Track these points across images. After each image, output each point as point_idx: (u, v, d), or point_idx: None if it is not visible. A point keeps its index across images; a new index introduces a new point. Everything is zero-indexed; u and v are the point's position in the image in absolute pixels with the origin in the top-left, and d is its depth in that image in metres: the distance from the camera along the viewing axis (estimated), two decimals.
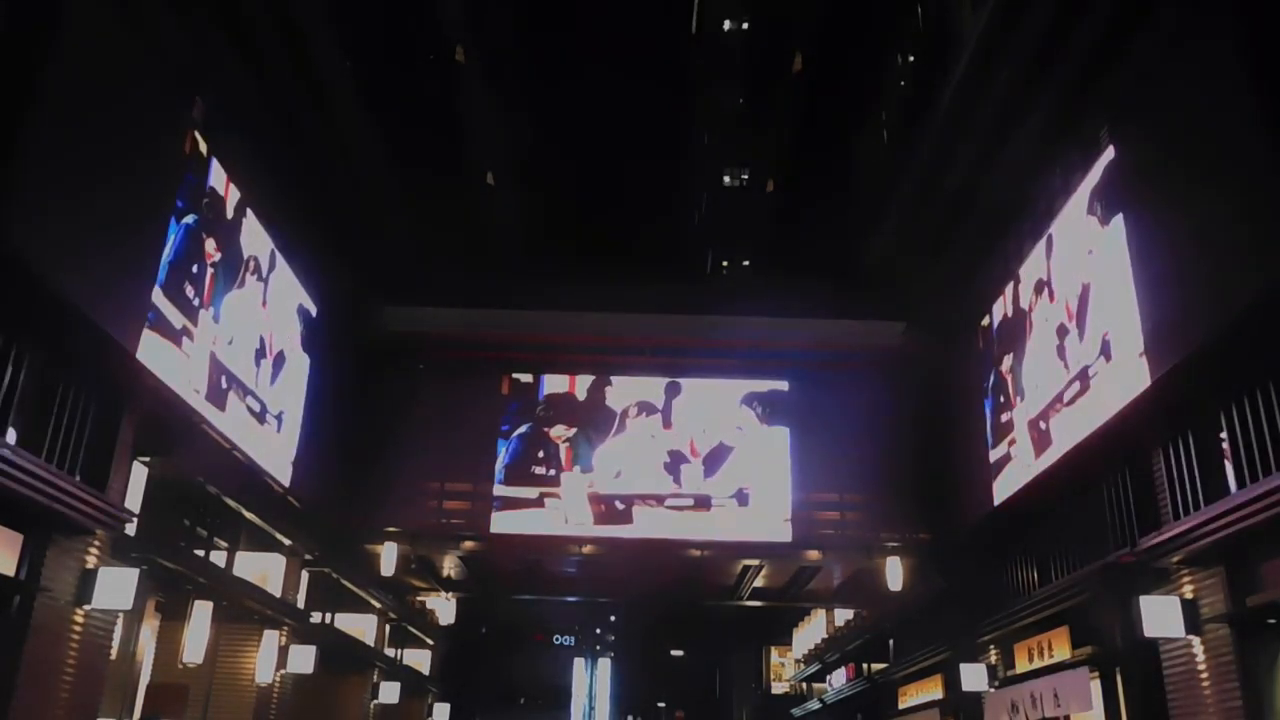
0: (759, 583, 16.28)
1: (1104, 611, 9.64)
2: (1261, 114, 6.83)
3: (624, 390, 14.88)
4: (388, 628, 17.66)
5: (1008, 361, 11.99)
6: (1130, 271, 8.74)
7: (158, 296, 8.58)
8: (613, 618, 29.76)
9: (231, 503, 11.02)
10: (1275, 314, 6.75)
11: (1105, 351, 9.21)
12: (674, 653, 33.66)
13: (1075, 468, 9.98)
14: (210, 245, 9.75)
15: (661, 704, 34.86)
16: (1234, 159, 7.19)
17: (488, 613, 22.88)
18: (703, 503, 14.27)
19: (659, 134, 11.71)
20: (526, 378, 15.03)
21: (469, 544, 14.46)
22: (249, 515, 11.47)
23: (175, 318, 8.95)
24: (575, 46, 10.91)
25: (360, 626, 16.87)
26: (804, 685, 27.00)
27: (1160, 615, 7.97)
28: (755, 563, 15.07)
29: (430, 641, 20.93)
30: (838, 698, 22.21)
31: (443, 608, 18.63)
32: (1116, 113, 9.12)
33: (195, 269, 9.41)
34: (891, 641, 18.25)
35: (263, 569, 12.72)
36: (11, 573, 7.25)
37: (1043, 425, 10.71)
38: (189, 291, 9.26)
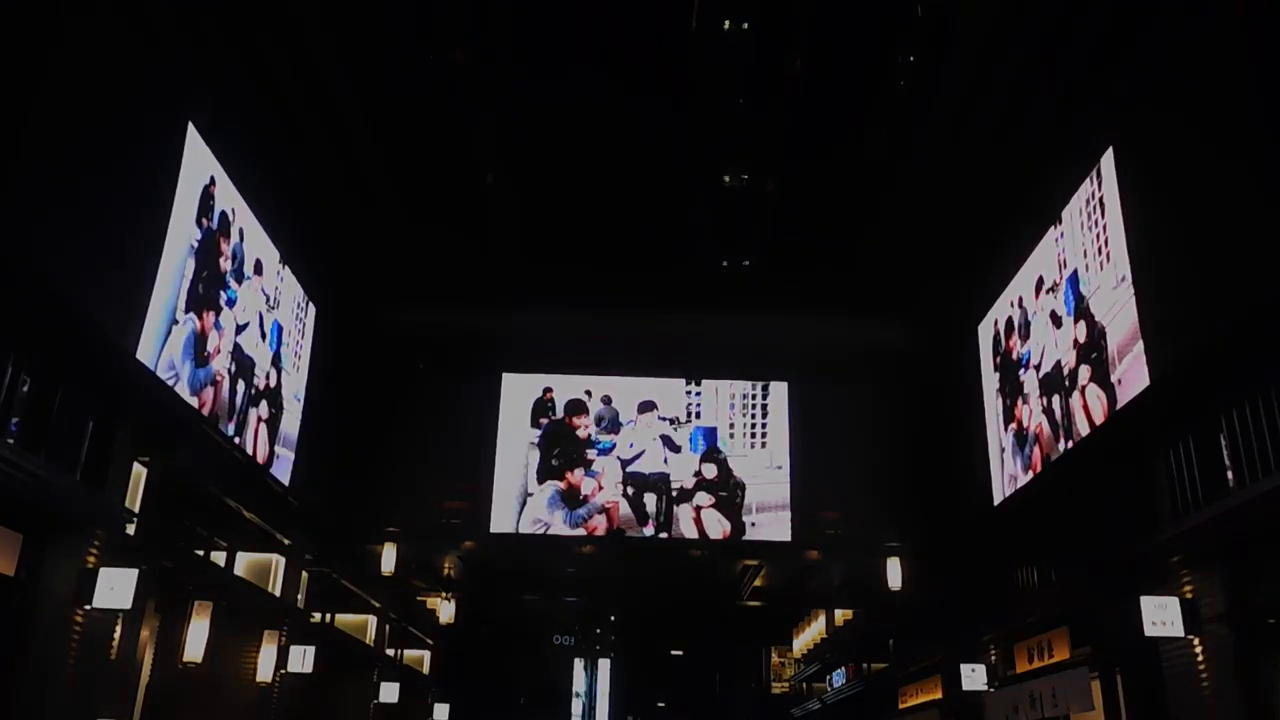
0: (759, 583, 16.27)
1: (1104, 611, 9.64)
2: (1263, 114, 6.83)
3: (625, 390, 14.89)
4: (388, 628, 17.65)
5: (1008, 361, 12.00)
6: (1131, 271, 8.75)
7: (155, 296, 8.58)
8: (613, 618, 29.71)
9: (231, 503, 11.02)
10: (1276, 314, 6.75)
11: (1106, 351, 9.22)
12: (674, 653, 33.63)
13: (1076, 467, 9.98)
14: (210, 246, 9.75)
15: (661, 704, 34.85)
16: (1236, 159, 7.19)
17: (488, 613, 22.83)
18: (707, 502, 14.27)
19: (658, 134, 11.68)
20: (528, 377, 15.05)
21: (469, 544, 14.46)
22: (249, 515, 11.47)
23: (172, 317, 8.95)
24: (574, 46, 10.88)
25: (360, 626, 16.87)
26: (804, 685, 27.00)
27: (1160, 615, 7.96)
28: (755, 563, 15.07)
29: (430, 641, 20.92)
30: (838, 698, 22.22)
31: (443, 608, 18.62)
32: (1117, 112, 9.12)
33: (195, 268, 9.41)
34: (891, 641, 18.25)
35: (263, 569, 12.72)
36: (11, 573, 7.24)
37: (1043, 425, 10.71)
38: (189, 292, 9.26)
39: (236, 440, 10.43)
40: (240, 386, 10.60)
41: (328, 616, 15.24)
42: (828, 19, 10.15)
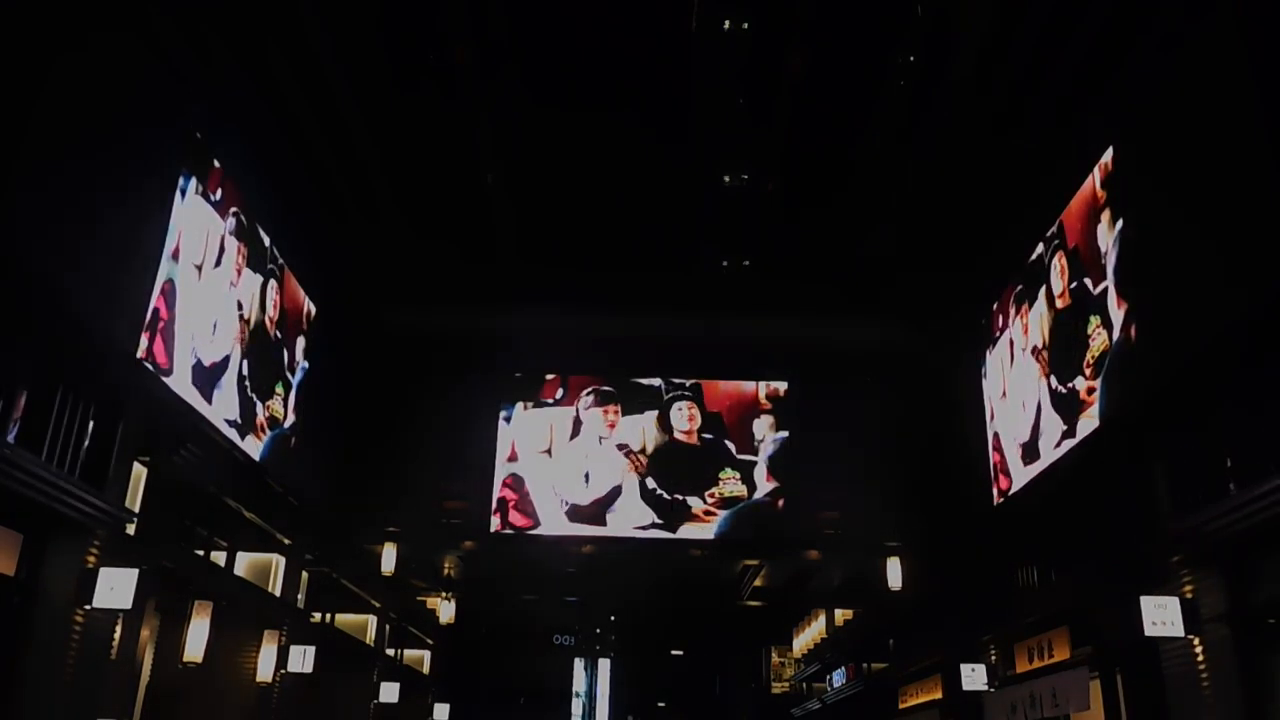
0: (759, 583, 16.27)
1: (1104, 611, 9.64)
2: (1262, 113, 6.83)
3: (625, 390, 14.89)
4: (388, 628, 17.65)
5: (1008, 360, 12.00)
6: (1132, 270, 8.75)
7: (155, 297, 8.58)
8: (613, 618, 29.68)
9: (231, 503, 11.02)
10: (1277, 313, 6.75)
11: (1106, 350, 9.22)
12: (674, 653, 33.59)
13: (1075, 468, 9.98)
14: (211, 246, 9.76)
15: (661, 704, 34.81)
16: (1236, 158, 7.19)
17: (488, 613, 22.84)
18: (708, 502, 14.28)
19: (658, 133, 11.65)
20: (528, 378, 15.04)
21: (469, 544, 14.46)
22: (249, 515, 11.47)
23: (174, 317, 8.95)
24: (574, 45, 10.85)
25: (360, 626, 16.87)
26: (804, 685, 26.99)
27: (1160, 615, 7.97)
28: (755, 563, 15.06)
29: (430, 641, 20.92)
30: (838, 698, 22.22)
31: (443, 608, 18.64)
32: (1117, 112, 9.12)
33: (195, 269, 9.41)
34: (891, 641, 18.25)
35: (263, 569, 12.72)
36: (11, 573, 7.25)
37: (1043, 425, 10.71)
38: (189, 292, 9.26)
39: (237, 440, 10.43)
40: (240, 386, 10.59)
41: (328, 616, 15.24)
42: (828, 19, 10.14)
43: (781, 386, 14.90)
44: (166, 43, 8.54)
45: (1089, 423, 9.50)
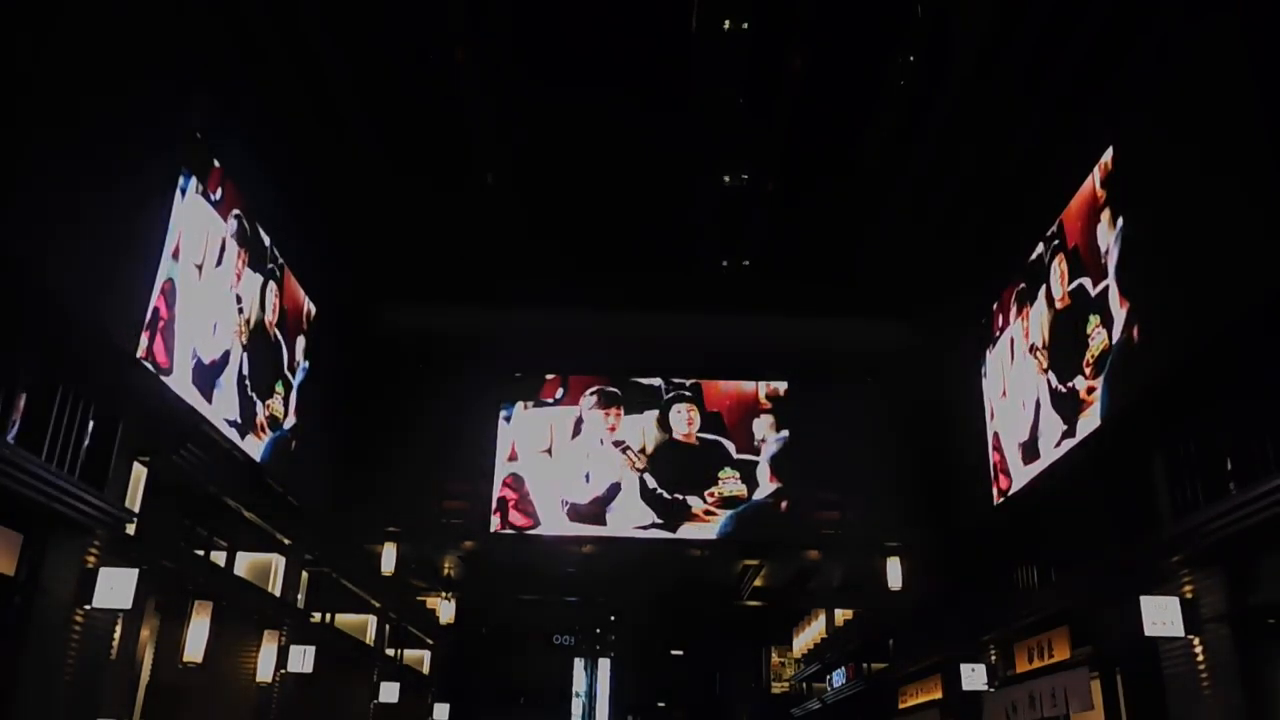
0: (759, 583, 16.27)
1: (1104, 611, 9.64)
2: (1262, 113, 6.84)
3: (625, 390, 14.88)
4: (388, 628, 17.65)
5: (1009, 360, 12.00)
6: (1131, 270, 8.75)
7: (155, 296, 8.58)
8: (613, 617, 29.70)
9: (231, 503, 11.02)
10: (1276, 313, 6.75)
11: (1106, 349, 9.22)
12: (674, 653, 33.62)
13: (1075, 468, 9.98)
14: (212, 246, 9.75)
15: (661, 704, 34.83)
16: (1235, 157, 7.19)
17: (488, 613, 22.85)
18: (708, 502, 14.27)
19: (659, 133, 11.67)
20: (528, 378, 15.03)
21: (469, 544, 14.45)
22: (249, 515, 11.47)
23: (174, 317, 8.95)
24: (574, 46, 10.87)
25: (360, 626, 16.87)
26: (804, 685, 26.99)
27: (1160, 615, 7.97)
28: (755, 563, 15.06)
29: (430, 641, 20.92)
30: (838, 698, 22.22)
31: (443, 608, 18.63)
32: (1117, 111, 9.13)
33: (195, 269, 9.41)
34: (891, 641, 18.25)
35: (263, 569, 12.72)
36: (11, 573, 7.24)
37: (1043, 424, 10.71)
38: (189, 293, 9.26)
39: (237, 440, 10.43)
40: (240, 386, 10.59)
41: (328, 616, 15.24)
42: (828, 19, 10.15)
43: (781, 386, 14.90)
44: (167, 42, 8.54)
45: (1089, 422, 9.50)
